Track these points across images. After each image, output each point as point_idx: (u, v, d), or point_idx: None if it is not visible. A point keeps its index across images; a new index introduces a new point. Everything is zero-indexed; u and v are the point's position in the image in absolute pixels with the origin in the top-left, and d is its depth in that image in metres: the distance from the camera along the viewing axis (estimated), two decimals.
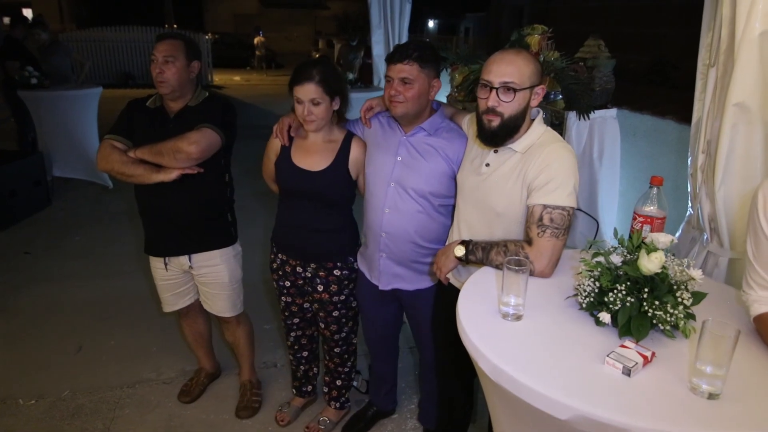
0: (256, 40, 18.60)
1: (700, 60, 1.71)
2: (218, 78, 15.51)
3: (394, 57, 1.75)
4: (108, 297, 3.44)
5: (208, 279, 2.29)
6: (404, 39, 5.58)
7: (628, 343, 1.13)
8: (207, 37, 15.63)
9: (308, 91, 1.83)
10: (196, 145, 1.98)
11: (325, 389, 2.40)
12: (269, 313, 3.25)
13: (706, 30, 1.68)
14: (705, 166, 1.65)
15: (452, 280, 1.71)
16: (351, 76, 5.63)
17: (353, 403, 2.49)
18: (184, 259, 2.23)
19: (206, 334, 2.57)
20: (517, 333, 1.21)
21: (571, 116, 2.35)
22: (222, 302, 2.34)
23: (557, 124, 2.46)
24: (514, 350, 1.14)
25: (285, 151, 2.01)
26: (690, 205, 1.84)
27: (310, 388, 2.46)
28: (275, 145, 2.03)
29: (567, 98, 2.28)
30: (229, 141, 2.14)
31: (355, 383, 2.55)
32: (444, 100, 3.39)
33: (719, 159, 1.57)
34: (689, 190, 1.82)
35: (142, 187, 2.08)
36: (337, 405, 2.39)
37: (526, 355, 1.12)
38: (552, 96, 2.60)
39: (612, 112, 2.50)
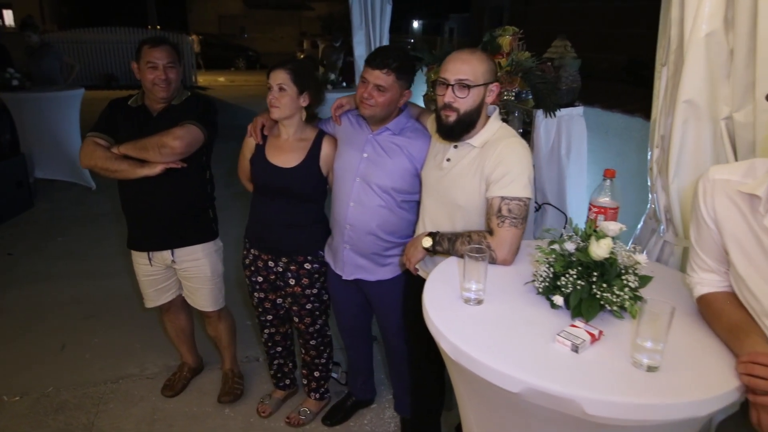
0: (192, 37, 17.39)
1: (657, 60, 1.80)
2: (202, 79, 15.48)
3: (374, 62, 1.80)
4: (91, 296, 3.47)
5: (190, 273, 2.34)
6: (385, 40, 5.64)
7: (578, 322, 1.21)
8: (191, 38, 15.58)
9: (277, 76, 1.93)
10: (180, 140, 2.04)
11: (305, 381, 2.46)
12: (251, 310, 3.30)
13: (661, 31, 1.77)
14: (660, 160, 1.75)
15: (420, 272, 1.79)
16: (332, 76, 5.69)
17: (333, 394, 2.55)
18: (167, 254, 2.28)
19: (188, 329, 2.62)
20: (477, 316, 1.29)
21: (539, 114, 2.44)
22: (204, 297, 2.40)
23: (528, 122, 2.55)
24: (473, 331, 1.22)
25: (259, 149, 2.08)
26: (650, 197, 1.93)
27: (288, 381, 2.53)
28: (250, 143, 2.11)
29: (535, 97, 2.37)
30: (211, 138, 2.20)
31: (335, 375, 2.62)
32: (420, 98, 3.48)
33: (672, 153, 1.66)
34: (649, 183, 1.91)
35: (126, 183, 2.14)
36: (317, 396, 2.46)
37: (483, 335, 1.20)
38: (524, 95, 2.69)
39: (579, 110, 2.60)
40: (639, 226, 2.03)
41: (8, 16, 19.82)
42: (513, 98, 2.65)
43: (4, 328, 3.10)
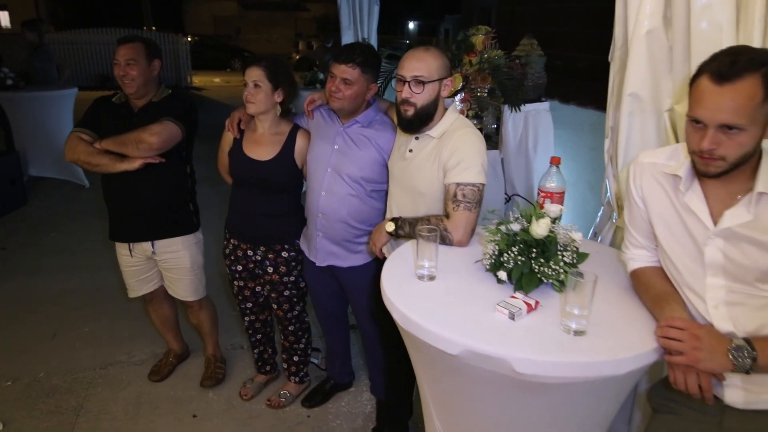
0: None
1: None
2: (198, 80, 15.56)
3: (340, 57, 1.94)
4: (82, 289, 3.57)
5: (170, 264, 2.44)
6: (373, 40, 5.75)
7: (517, 294, 1.33)
8: (186, 38, 15.66)
9: (252, 73, 2.04)
10: (157, 136, 2.14)
11: (285, 366, 2.57)
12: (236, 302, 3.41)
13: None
14: (611, 150, 1.86)
15: (387, 255, 1.89)
16: (321, 76, 5.79)
17: (313, 378, 2.66)
18: (147, 245, 2.39)
19: (172, 318, 2.72)
20: (428, 290, 1.40)
21: (507, 109, 2.56)
22: (184, 287, 2.50)
23: (499, 117, 2.66)
24: (422, 303, 1.33)
25: (237, 143, 2.19)
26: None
27: (269, 367, 2.63)
28: (228, 137, 2.22)
29: (502, 92, 2.48)
30: (190, 134, 2.31)
31: (314, 360, 2.73)
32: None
33: (620, 143, 1.77)
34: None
35: (109, 176, 2.25)
36: (297, 380, 2.56)
37: (431, 306, 1.31)
38: (497, 92, 2.80)
39: (545, 105, 2.71)
40: (599, 213, 2.14)
41: (4, 18, 19.88)
42: (486, 95, 2.77)
43: None
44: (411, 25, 26.89)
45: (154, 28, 17.40)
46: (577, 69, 4.46)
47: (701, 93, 1.09)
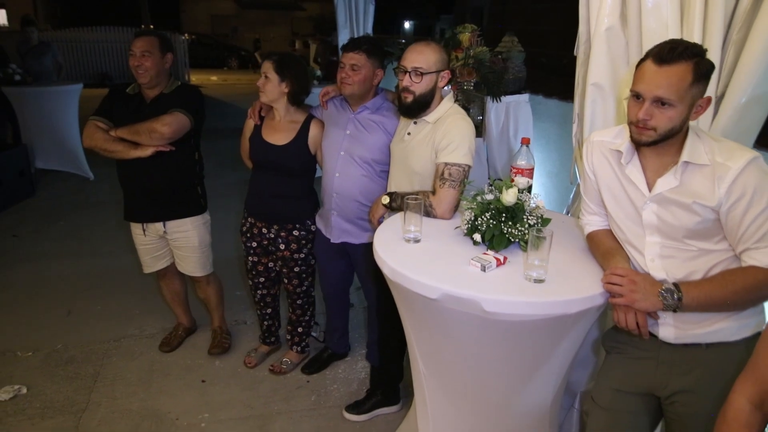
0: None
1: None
2: (195, 78, 15.74)
3: (347, 47, 2.21)
4: (92, 272, 3.78)
5: (180, 243, 2.66)
6: None
7: (489, 252, 1.56)
8: (184, 37, 15.84)
9: (264, 66, 2.30)
10: (168, 126, 2.36)
11: (288, 336, 2.80)
12: (240, 283, 3.63)
13: None
14: (578, 134, 2.09)
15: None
16: (318, 73, 6.02)
17: (312, 349, 2.88)
18: (159, 226, 2.60)
19: (182, 293, 2.94)
20: (413, 250, 1.62)
21: (489, 100, 2.79)
22: (193, 263, 2.72)
23: (483, 108, 2.89)
24: (408, 259, 1.55)
25: (257, 129, 2.43)
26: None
27: (273, 339, 2.86)
28: (250, 125, 2.47)
29: (484, 85, 2.71)
30: (198, 123, 2.52)
31: (314, 334, 2.95)
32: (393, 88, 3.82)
33: (585, 128, 2.00)
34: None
35: (123, 162, 2.46)
36: (298, 349, 2.79)
37: (415, 261, 1.54)
38: (483, 86, 3.04)
39: (524, 96, 2.95)
40: (571, 195, 2.38)
41: (1, 16, 19.98)
42: (472, 88, 3.00)
43: (12, 297, 3.41)
44: (407, 25, 27.13)
45: (151, 26, 17.56)
46: (562, 65, 4.72)
47: (644, 72, 1.32)
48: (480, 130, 3.01)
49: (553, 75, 3.19)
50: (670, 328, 1.41)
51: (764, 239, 1.27)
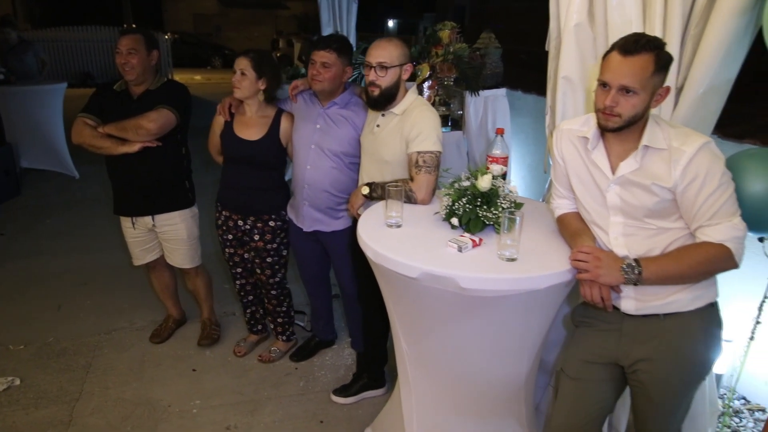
0: None
1: None
2: (179, 77, 15.66)
3: (318, 45, 2.28)
4: (82, 267, 3.82)
5: (169, 236, 2.73)
6: (352, 37, 6.07)
7: (465, 234, 1.66)
8: (166, 36, 15.78)
9: (240, 62, 2.36)
10: (154, 122, 2.43)
11: (272, 326, 2.88)
12: (228, 276, 3.68)
13: None
14: (551, 125, 2.20)
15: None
16: (303, 71, 6.08)
17: (300, 338, 2.97)
18: (148, 219, 2.67)
19: (172, 285, 3.01)
20: (394, 234, 1.72)
21: (468, 94, 2.90)
22: (182, 255, 2.79)
23: (462, 103, 3.00)
24: (389, 242, 1.65)
25: (228, 125, 2.49)
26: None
27: (260, 327, 2.94)
28: (219, 121, 2.52)
29: (463, 79, 2.82)
30: (185, 119, 2.59)
31: (300, 323, 3.04)
32: None
33: (557, 119, 2.11)
34: None
35: (112, 157, 2.52)
36: (284, 338, 2.87)
37: (396, 243, 1.64)
38: (463, 81, 3.14)
39: (501, 91, 3.06)
40: (546, 185, 2.49)
41: None
42: (452, 83, 3.10)
43: (2, 294, 3.45)
44: (390, 24, 27.21)
45: (134, 25, 17.45)
46: (540, 62, 4.86)
47: (610, 62, 1.43)
48: (460, 123, 3.12)
49: (533, 71, 3.29)
50: (631, 301, 1.52)
51: (716, 217, 1.39)
